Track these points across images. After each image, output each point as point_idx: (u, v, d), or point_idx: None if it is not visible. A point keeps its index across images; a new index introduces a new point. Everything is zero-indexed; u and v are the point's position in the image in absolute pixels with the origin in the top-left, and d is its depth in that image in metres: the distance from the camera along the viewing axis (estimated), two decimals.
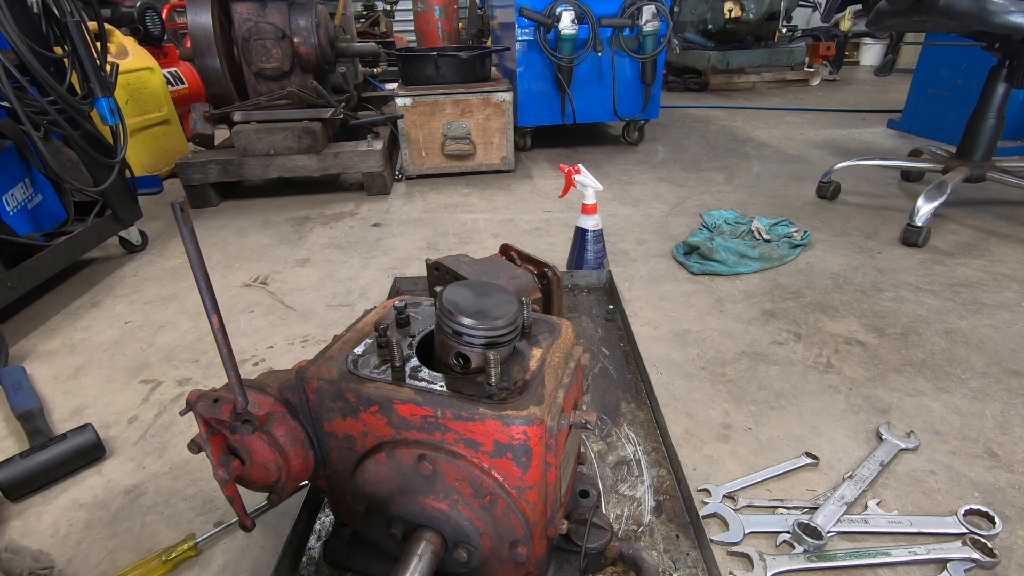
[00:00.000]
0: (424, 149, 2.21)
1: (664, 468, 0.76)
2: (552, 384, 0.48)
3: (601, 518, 0.59)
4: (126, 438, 0.89)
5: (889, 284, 1.31)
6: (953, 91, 2.49)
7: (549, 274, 0.99)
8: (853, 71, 5.32)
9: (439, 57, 2.18)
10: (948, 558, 0.64)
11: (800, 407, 0.91)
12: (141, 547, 0.70)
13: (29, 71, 1.20)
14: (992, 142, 1.66)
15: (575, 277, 1.27)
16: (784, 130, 2.95)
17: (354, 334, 0.56)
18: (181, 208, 0.35)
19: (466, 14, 5.24)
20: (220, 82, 2.04)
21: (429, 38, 4.26)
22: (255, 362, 1.08)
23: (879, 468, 0.77)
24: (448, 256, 1.02)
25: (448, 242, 1.62)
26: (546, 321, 0.58)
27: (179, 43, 3.22)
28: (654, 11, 2.28)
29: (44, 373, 1.07)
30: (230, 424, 0.49)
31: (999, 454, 0.81)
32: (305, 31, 1.99)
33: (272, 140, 1.92)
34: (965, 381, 0.97)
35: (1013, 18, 1.30)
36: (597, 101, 2.49)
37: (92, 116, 1.40)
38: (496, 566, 0.52)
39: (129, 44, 2.33)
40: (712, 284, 1.33)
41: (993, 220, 1.68)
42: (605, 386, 0.93)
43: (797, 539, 0.67)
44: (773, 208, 1.82)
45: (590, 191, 1.26)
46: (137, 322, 1.25)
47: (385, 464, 0.50)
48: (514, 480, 0.47)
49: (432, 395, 0.47)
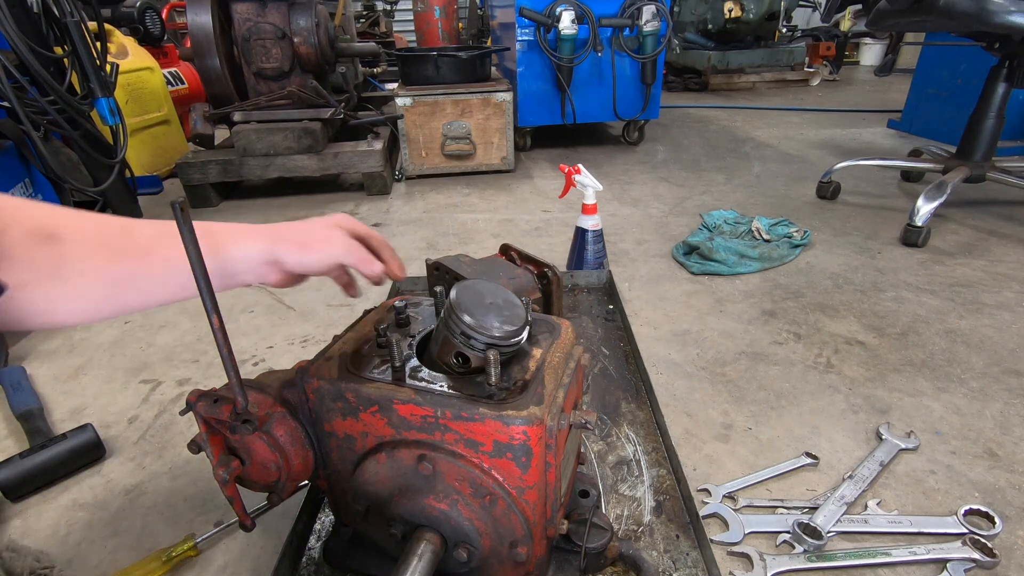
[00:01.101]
0: (424, 149, 2.21)
1: (664, 468, 0.76)
2: (552, 384, 0.48)
3: (601, 518, 0.59)
4: (126, 438, 0.89)
5: (889, 284, 1.31)
6: (953, 91, 2.49)
7: (549, 274, 0.99)
8: (853, 71, 5.33)
9: (439, 57, 2.18)
10: (948, 558, 0.64)
11: (800, 407, 0.91)
12: (141, 547, 0.70)
13: (29, 71, 1.21)
14: (992, 142, 1.66)
15: (575, 277, 1.27)
16: (784, 130, 2.95)
17: (354, 334, 0.56)
18: (181, 208, 0.35)
19: (466, 14, 5.24)
20: (220, 82, 2.04)
21: (429, 38, 4.26)
22: (255, 362, 1.08)
23: (879, 468, 0.77)
24: (448, 256, 1.02)
25: (448, 242, 1.62)
26: (546, 321, 0.58)
27: (179, 43, 3.22)
28: (654, 11, 2.28)
29: (44, 373, 1.07)
30: (230, 424, 0.49)
31: (999, 454, 0.81)
32: (305, 31, 1.99)
33: (272, 140, 1.92)
34: (965, 381, 0.97)
35: (1013, 18, 1.30)
36: (597, 101, 2.49)
37: (92, 116, 1.40)
38: (496, 566, 0.52)
39: (129, 44, 2.33)
40: (712, 284, 1.33)
41: (993, 220, 1.68)
42: (605, 386, 0.93)
43: (797, 539, 0.67)
44: (773, 208, 1.82)
45: (590, 191, 1.26)
46: (137, 322, 1.25)
47: (385, 464, 0.50)
48: (514, 480, 0.47)
49: (432, 395, 0.47)
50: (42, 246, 0.47)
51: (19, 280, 0.46)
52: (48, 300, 0.48)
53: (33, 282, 0.47)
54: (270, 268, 0.56)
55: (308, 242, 0.56)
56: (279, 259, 0.55)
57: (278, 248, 0.55)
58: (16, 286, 0.46)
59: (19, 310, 0.47)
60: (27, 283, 0.46)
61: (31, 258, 0.47)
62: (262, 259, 0.55)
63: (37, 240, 0.47)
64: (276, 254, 0.55)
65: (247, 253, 0.54)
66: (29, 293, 0.47)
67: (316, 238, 0.57)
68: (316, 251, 0.56)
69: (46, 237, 0.47)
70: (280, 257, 0.55)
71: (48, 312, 0.48)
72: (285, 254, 0.55)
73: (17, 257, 0.46)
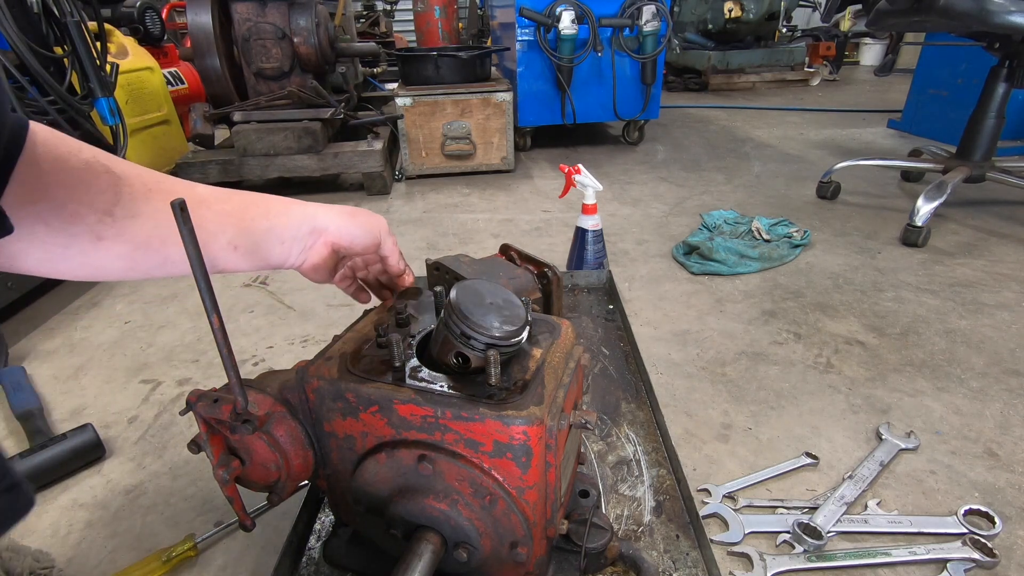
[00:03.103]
0: (424, 149, 2.21)
1: (664, 468, 0.76)
2: (552, 384, 0.48)
3: (601, 518, 0.59)
4: (126, 438, 0.89)
5: (889, 284, 1.31)
6: (953, 91, 2.49)
7: (549, 274, 0.98)
8: (853, 71, 5.33)
9: (439, 57, 2.18)
10: (948, 558, 0.64)
11: (800, 407, 0.91)
12: (141, 547, 0.70)
13: (29, 71, 1.21)
14: (992, 142, 1.66)
15: (575, 277, 1.27)
16: (784, 130, 2.95)
17: (354, 334, 0.56)
18: (181, 208, 0.35)
19: (466, 14, 5.24)
20: (220, 82, 2.04)
21: (429, 38, 4.26)
22: (255, 362, 1.08)
23: (879, 468, 0.77)
24: (448, 256, 1.02)
25: (448, 242, 1.62)
26: (546, 321, 0.57)
27: (179, 43, 3.22)
28: (654, 11, 2.28)
29: (44, 373, 1.07)
30: (230, 424, 0.49)
31: (999, 454, 0.81)
32: (305, 31, 1.99)
33: (272, 140, 1.92)
34: (965, 381, 0.97)
35: (1013, 18, 1.30)
36: (597, 101, 2.49)
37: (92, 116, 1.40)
38: (496, 566, 0.52)
39: (129, 44, 2.33)
40: (712, 284, 1.33)
41: (993, 220, 1.68)
42: (605, 386, 0.93)
43: (797, 539, 0.67)
44: (773, 208, 1.82)
45: (590, 191, 1.26)
46: (137, 322, 1.25)
47: (385, 464, 0.50)
48: (514, 480, 0.47)
49: (432, 395, 0.47)
50: (99, 175, 0.45)
51: (75, 211, 0.44)
52: (98, 237, 0.45)
53: (88, 214, 0.45)
54: (315, 239, 0.56)
55: (356, 214, 0.58)
56: (327, 228, 0.56)
57: (328, 216, 0.56)
58: (70, 217, 0.44)
59: (68, 245, 0.45)
60: (82, 214, 0.44)
61: (87, 186, 0.44)
62: (309, 227, 0.55)
63: (93, 170, 0.45)
64: (325, 222, 0.55)
65: (295, 219, 0.54)
66: (81, 226, 0.45)
67: (363, 212, 0.59)
68: (362, 223, 0.57)
69: (104, 170, 0.46)
70: (328, 225, 0.56)
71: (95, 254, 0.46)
72: (331, 221, 0.56)
73: (71, 183, 0.44)
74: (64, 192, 0.43)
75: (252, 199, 0.54)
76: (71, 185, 0.44)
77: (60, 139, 0.45)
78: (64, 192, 0.43)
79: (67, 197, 0.43)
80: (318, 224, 0.55)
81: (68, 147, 0.45)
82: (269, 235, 0.53)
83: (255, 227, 0.52)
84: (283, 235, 0.54)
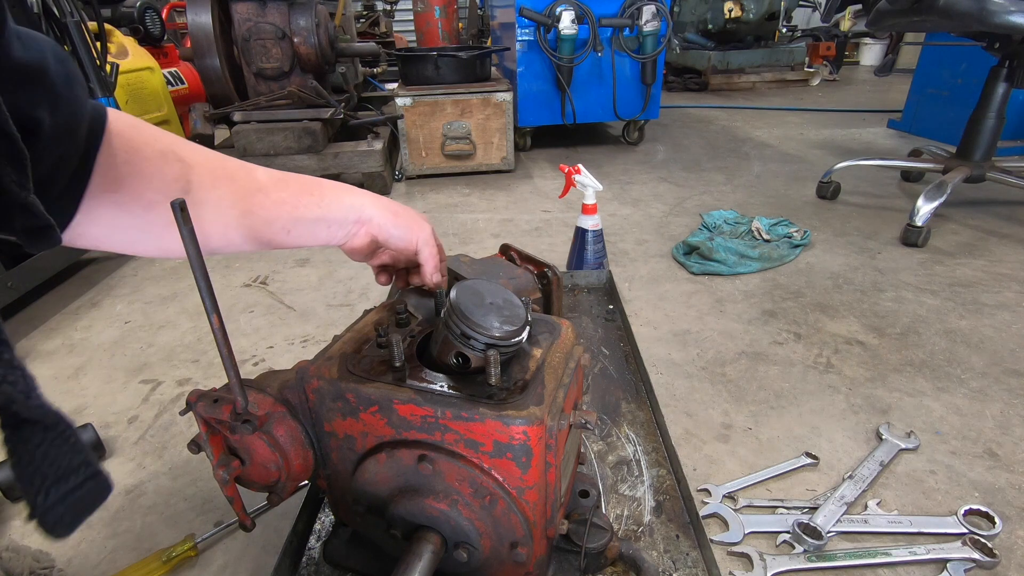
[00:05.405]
0: (424, 149, 2.21)
1: (664, 468, 0.76)
2: (552, 384, 0.48)
3: (601, 518, 0.59)
4: (126, 438, 0.89)
5: (889, 284, 1.31)
6: (953, 91, 2.49)
7: (549, 274, 0.98)
8: (853, 71, 5.32)
9: (439, 57, 2.18)
10: (948, 558, 0.64)
11: (800, 407, 0.91)
12: (141, 547, 0.70)
13: None
14: (992, 142, 1.66)
15: (575, 277, 1.27)
16: (784, 130, 2.95)
17: (354, 334, 0.56)
18: (181, 208, 0.35)
19: (466, 14, 5.24)
20: (220, 82, 2.04)
21: (429, 38, 4.25)
22: (255, 362, 1.08)
23: (879, 468, 0.77)
24: (448, 256, 1.01)
25: (448, 242, 1.62)
26: (546, 321, 0.58)
27: (179, 43, 3.22)
28: (654, 11, 2.28)
29: (44, 373, 1.07)
30: (230, 424, 0.49)
31: (999, 454, 0.81)
32: (305, 31, 1.99)
33: (272, 140, 1.92)
34: (965, 381, 0.97)
35: (1013, 18, 1.30)
36: (597, 101, 2.49)
37: None
38: (496, 566, 0.52)
39: (129, 44, 2.33)
40: (712, 284, 1.33)
41: (993, 220, 1.68)
42: (605, 386, 0.93)
43: (797, 539, 0.67)
44: (773, 208, 1.82)
45: (590, 191, 1.26)
46: (137, 322, 1.25)
47: (385, 464, 0.50)
48: (514, 480, 0.47)
49: (432, 395, 0.47)
50: (171, 164, 0.48)
51: (151, 199, 0.46)
52: (171, 223, 0.48)
53: (162, 202, 0.47)
54: (359, 227, 0.59)
55: (401, 214, 0.60)
56: (371, 219, 0.58)
57: (374, 209, 0.58)
58: (147, 205, 0.46)
59: (146, 231, 0.47)
60: (157, 202, 0.46)
61: (162, 175, 0.47)
62: (356, 215, 0.58)
63: (167, 160, 0.47)
64: (370, 214, 0.58)
65: (346, 204, 0.58)
66: (156, 213, 0.47)
67: (409, 215, 0.61)
68: (404, 225, 0.59)
69: (176, 159, 0.48)
70: (372, 217, 0.58)
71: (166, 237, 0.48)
72: (378, 216, 0.58)
73: (147, 173, 0.46)
74: (141, 183, 0.46)
75: (307, 187, 0.58)
76: (147, 175, 0.46)
77: (136, 130, 0.47)
78: (141, 183, 0.46)
79: (144, 187, 0.46)
80: (364, 215, 0.58)
81: (143, 137, 0.47)
82: (319, 222, 0.57)
83: (307, 215, 0.56)
84: (331, 221, 0.58)
